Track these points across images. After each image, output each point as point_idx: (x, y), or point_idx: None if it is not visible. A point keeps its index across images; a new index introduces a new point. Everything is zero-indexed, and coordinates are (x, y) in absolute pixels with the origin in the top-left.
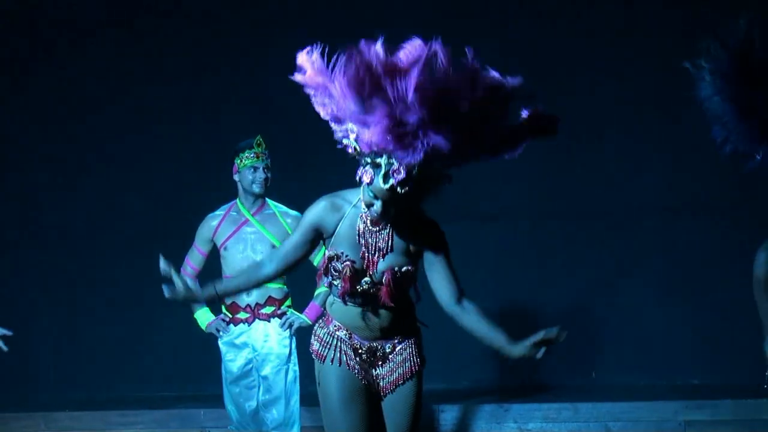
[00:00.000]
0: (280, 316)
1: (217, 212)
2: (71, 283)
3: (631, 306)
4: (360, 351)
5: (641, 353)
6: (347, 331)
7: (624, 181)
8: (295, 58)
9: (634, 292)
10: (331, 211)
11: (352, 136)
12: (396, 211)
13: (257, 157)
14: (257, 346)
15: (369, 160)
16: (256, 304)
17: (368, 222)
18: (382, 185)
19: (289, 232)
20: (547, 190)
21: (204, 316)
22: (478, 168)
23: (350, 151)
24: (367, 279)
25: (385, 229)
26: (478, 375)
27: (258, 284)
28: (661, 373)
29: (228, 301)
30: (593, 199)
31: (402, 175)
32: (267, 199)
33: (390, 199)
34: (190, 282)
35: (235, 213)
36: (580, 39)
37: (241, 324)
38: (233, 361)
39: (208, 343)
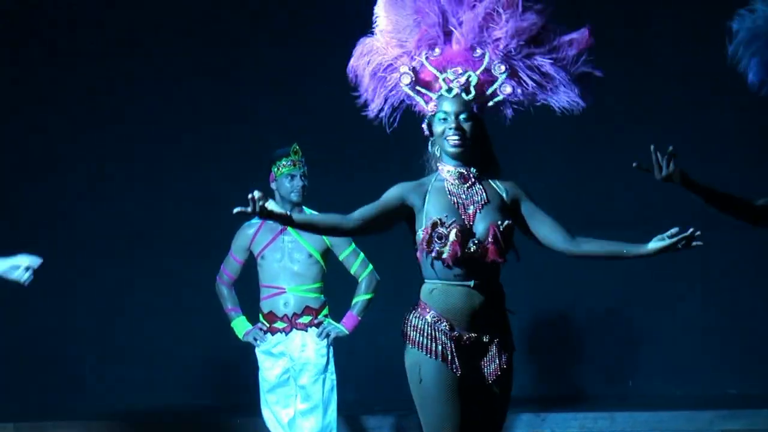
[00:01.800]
0: (317, 326)
1: (254, 221)
2: (108, 290)
3: (667, 315)
4: (462, 342)
5: (678, 362)
6: (447, 322)
7: (661, 188)
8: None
9: (671, 301)
10: (414, 188)
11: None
12: (470, 137)
13: (294, 165)
14: (294, 355)
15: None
16: (294, 313)
17: (456, 182)
18: (447, 95)
19: (326, 240)
20: (585, 197)
21: (241, 326)
22: (514, 173)
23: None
24: (473, 239)
25: (475, 184)
26: (514, 384)
27: (334, 231)
28: (698, 382)
29: (265, 311)
30: (631, 206)
31: (463, 80)
32: (304, 207)
33: (458, 110)
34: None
35: (272, 222)
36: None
37: (279, 333)
38: (270, 370)
39: (245, 352)
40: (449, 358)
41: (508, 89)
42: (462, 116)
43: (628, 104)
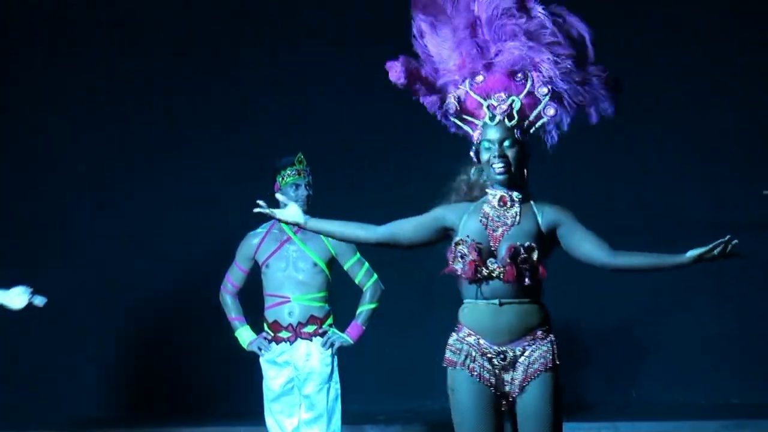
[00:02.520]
0: (321, 335)
1: (259, 230)
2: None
3: (670, 323)
4: (490, 356)
5: (681, 372)
6: (477, 336)
7: (668, 196)
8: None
9: (673, 309)
10: (456, 208)
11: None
12: (515, 162)
13: (299, 174)
14: (299, 364)
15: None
16: (298, 323)
17: (496, 203)
18: (491, 123)
19: (330, 249)
20: (590, 205)
21: (245, 335)
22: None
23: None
24: (492, 260)
25: (513, 207)
26: None
27: (356, 239)
28: (701, 391)
29: (270, 320)
30: (636, 214)
31: (505, 107)
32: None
33: (502, 137)
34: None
35: (277, 231)
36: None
37: (283, 343)
38: (275, 379)
39: (249, 360)
40: (478, 371)
41: (551, 111)
42: (506, 143)
43: (628, 104)
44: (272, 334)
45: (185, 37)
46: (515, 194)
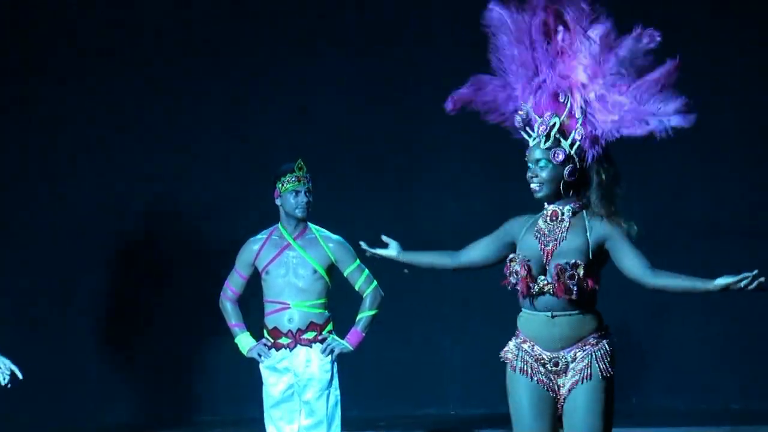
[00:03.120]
0: (321, 342)
1: (259, 236)
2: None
3: (671, 330)
4: (544, 361)
5: (682, 378)
6: (531, 343)
7: (667, 201)
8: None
9: (674, 315)
10: (520, 220)
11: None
12: (547, 182)
13: (299, 181)
14: (299, 371)
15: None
16: (298, 329)
17: (548, 218)
18: (531, 143)
19: (331, 256)
20: None
21: (245, 341)
22: (528, 198)
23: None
24: (542, 278)
25: (564, 222)
26: None
27: (444, 267)
28: (702, 398)
29: (270, 326)
30: (636, 219)
31: (544, 128)
32: (309, 223)
33: (536, 157)
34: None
35: (277, 237)
36: None
37: (283, 349)
38: (275, 386)
39: (249, 366)
40: (536, 376)
41: (581, 132)
42: (540, 163)
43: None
44: (272, 341)
45: (185, 38)
46: (566, 208)
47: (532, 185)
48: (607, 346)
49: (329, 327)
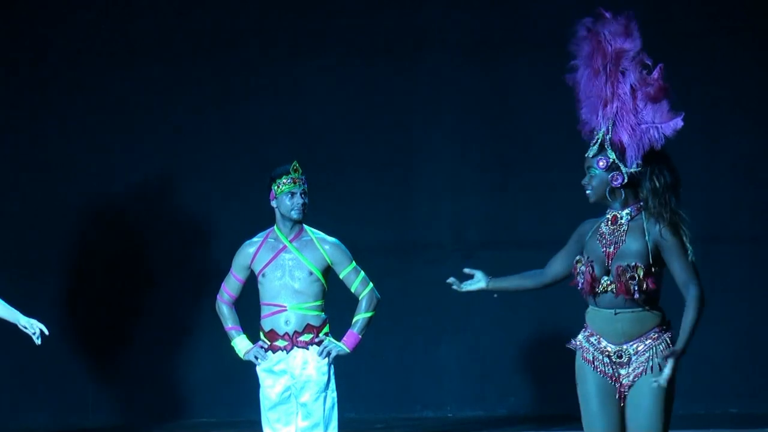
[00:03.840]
0: (318, 344)
1: (255, 239)
2: (112, 305)
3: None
4: (609, 354)
5: (681, 382)
6: (598, 336)
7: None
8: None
9: (673, 321)
10: (588, 224)
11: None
12: (594, 188)
13: (294, 183)
14: (296, 373)
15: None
16: (295, 331)
17: (609, 222)
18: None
19: (327, 258)
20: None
21: (242, 344)
22: (523, 200)
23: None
24: (606, 278)
25: (622, 226)
26: (516, 403)
27: (533, 288)
28: (701, 402)
29: (266, 329)
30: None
31: (594, 138)
32: (305, 225)
33: (586, 165)
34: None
35: (273, 240)
36: None
37: (280, 351)
38: (272, 388)
39: (246, 369)
40: (602, 368)
41: (613, 141)
42: (590, 171)
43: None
44: (269, 343)
45: (184, 45)
46: (624, 213)
47: (586, 191)
48: (668, 340)
49: (326, 329)
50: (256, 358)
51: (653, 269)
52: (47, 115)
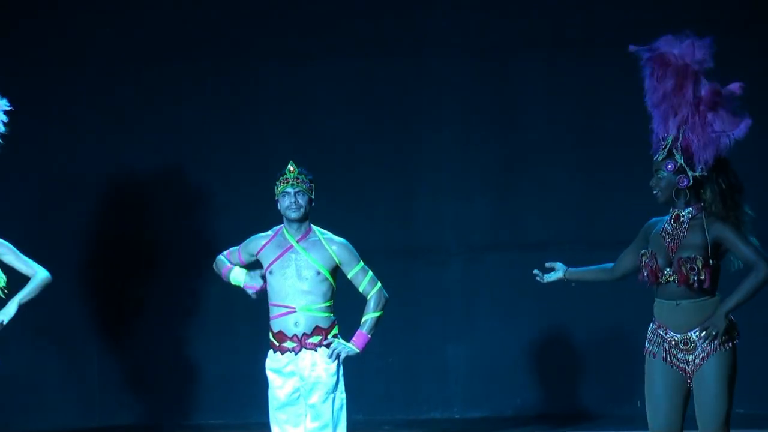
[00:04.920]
0: (327, 346)
1: (266, 233)
2: (121, 306)
3: None
4: (675, 342)
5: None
6: (664, 327)
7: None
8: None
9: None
10: (652, 222)
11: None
12: (662, 189)
13: (287, 183)
14: (304, 374)
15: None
16: (303, 333)
17: (672, 220)
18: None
19: (335, 258)
20: (591, 220)
21: (239, 275)
22: (526, 202)
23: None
24: (668, 269)
25: (684, 223)
26: (522, 404)
27: (604, 281)
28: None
29: (275, 330)
30: (635, 227)
31: (663, 144)
32: (313, 226)
33: (654, 168)
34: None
35: (281, 238)
36: None
37: (289, 353)
38: (280, 388)
39: (255, 372)
40: (668, 357)
41: (683, 147)
42: (658, 173)
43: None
44: (277, 344)
45: (192, 45)
46: (686, 212)
47: (654, 192)
48: (728, 323)
49: (335, 330)
50: (255, 290)
51: (711, 261)
52: (55, 111)
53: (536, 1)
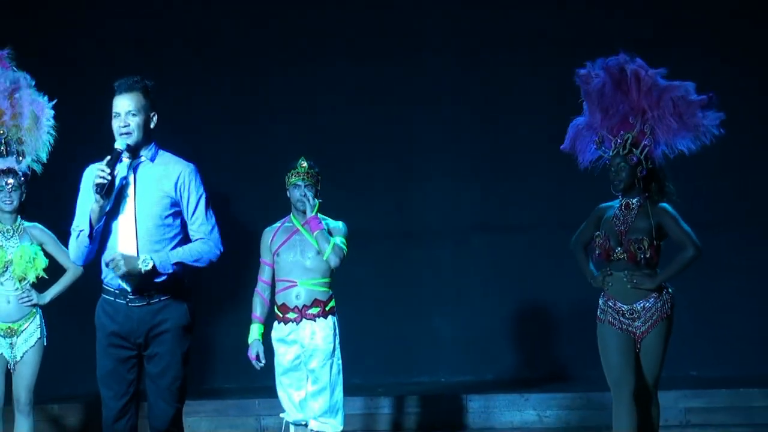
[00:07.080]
0: (324, 317)
1: (274, 225)
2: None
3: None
4: (622, 312)
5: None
6: (613, 299)
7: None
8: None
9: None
10: (603, 207)
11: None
12: (624, 178)
13: (299, 176)
14: (305, 342)
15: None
16: (303, 305)
17: (622, 208)
18: (611, 153)
19: (333, 240)
20: (564, 205)
21: (256, 331)
22: (511, 188)
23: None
24: (619, 249)
25: (632, 210)
26: (501, 368)
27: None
28: (665, 365)
29: (279, 303)
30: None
31: (621, 141)
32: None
33: (613, 161)
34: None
35: (289, 224)
36: None
37: (291, 323)
38: (284, 355)
39: (263, 341)
40: (617, 324)
41: (649, 142)
42: (620, 166)
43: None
44: (282, 315)
45: (203, 40)
46: (634, 201)
47: (614, 183)
48: (668, 296)
49: (332, 303)
50: (257, 356)
51: (655, 242)
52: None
53: (525, 2)
